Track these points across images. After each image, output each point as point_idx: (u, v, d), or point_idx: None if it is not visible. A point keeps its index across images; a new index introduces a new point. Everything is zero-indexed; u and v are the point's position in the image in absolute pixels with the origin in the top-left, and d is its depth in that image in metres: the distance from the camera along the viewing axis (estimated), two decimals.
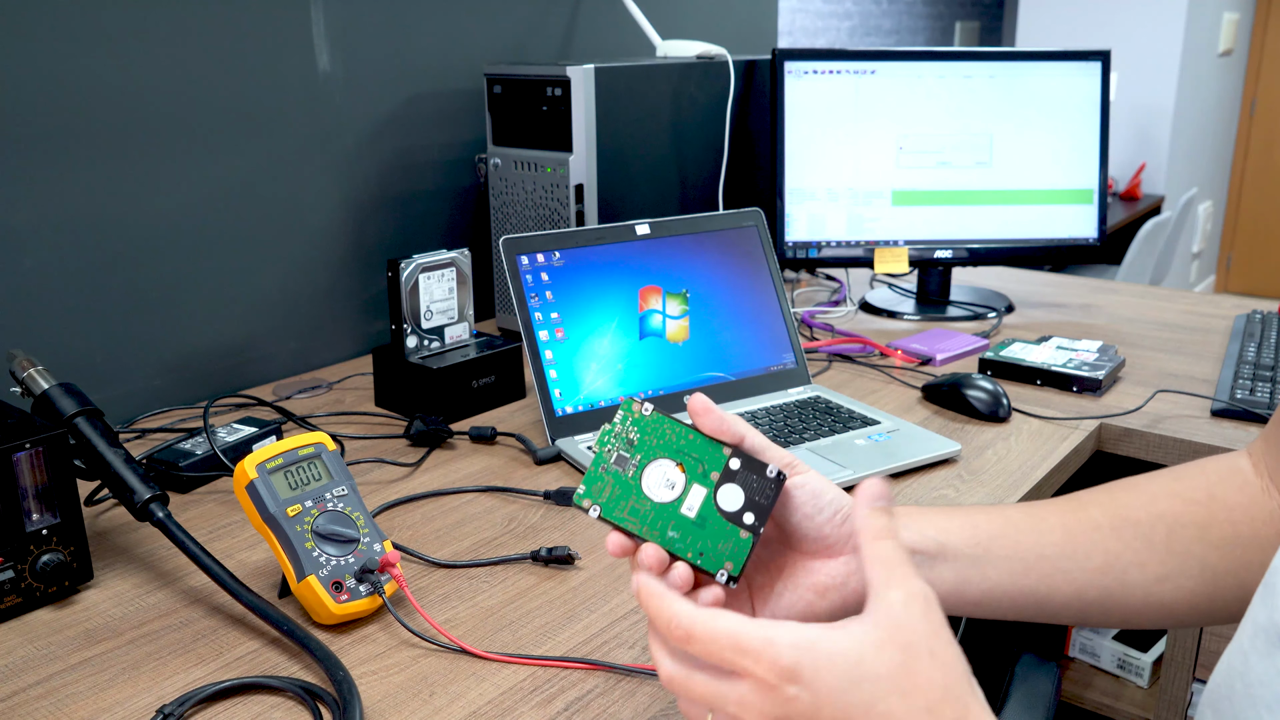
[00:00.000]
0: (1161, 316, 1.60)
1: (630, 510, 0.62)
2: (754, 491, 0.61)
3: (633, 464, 0.63)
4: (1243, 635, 0.56)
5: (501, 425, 1.17)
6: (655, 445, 0.63)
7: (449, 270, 1.20)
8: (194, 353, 1.26)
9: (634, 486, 0.63)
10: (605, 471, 0.63)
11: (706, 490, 0.62)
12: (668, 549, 0.61)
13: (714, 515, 0.61)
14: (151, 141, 1.18)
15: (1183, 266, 4.83)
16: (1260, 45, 5.25)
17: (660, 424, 0.63)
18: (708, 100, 1.56)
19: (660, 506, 0.62)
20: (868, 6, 3.82)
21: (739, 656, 0.48)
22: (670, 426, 0.63)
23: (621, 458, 0.63)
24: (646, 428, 0.63)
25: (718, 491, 0.62)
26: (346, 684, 0.69)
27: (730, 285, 1.20)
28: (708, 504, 0.62)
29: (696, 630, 0.50)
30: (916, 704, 0.47)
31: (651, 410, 0.64)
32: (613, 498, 0.62)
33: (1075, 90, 1.57)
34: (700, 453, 0.63)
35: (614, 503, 0.62)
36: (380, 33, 1.39)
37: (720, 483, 0.62)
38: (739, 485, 0.62)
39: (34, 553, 0.80)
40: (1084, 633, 1.49)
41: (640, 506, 0.62)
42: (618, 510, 0.62)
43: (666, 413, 0.64)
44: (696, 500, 0.62)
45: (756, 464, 0.62)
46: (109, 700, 0.71)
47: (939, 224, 1.57)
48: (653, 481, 0.62)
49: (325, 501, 0.80)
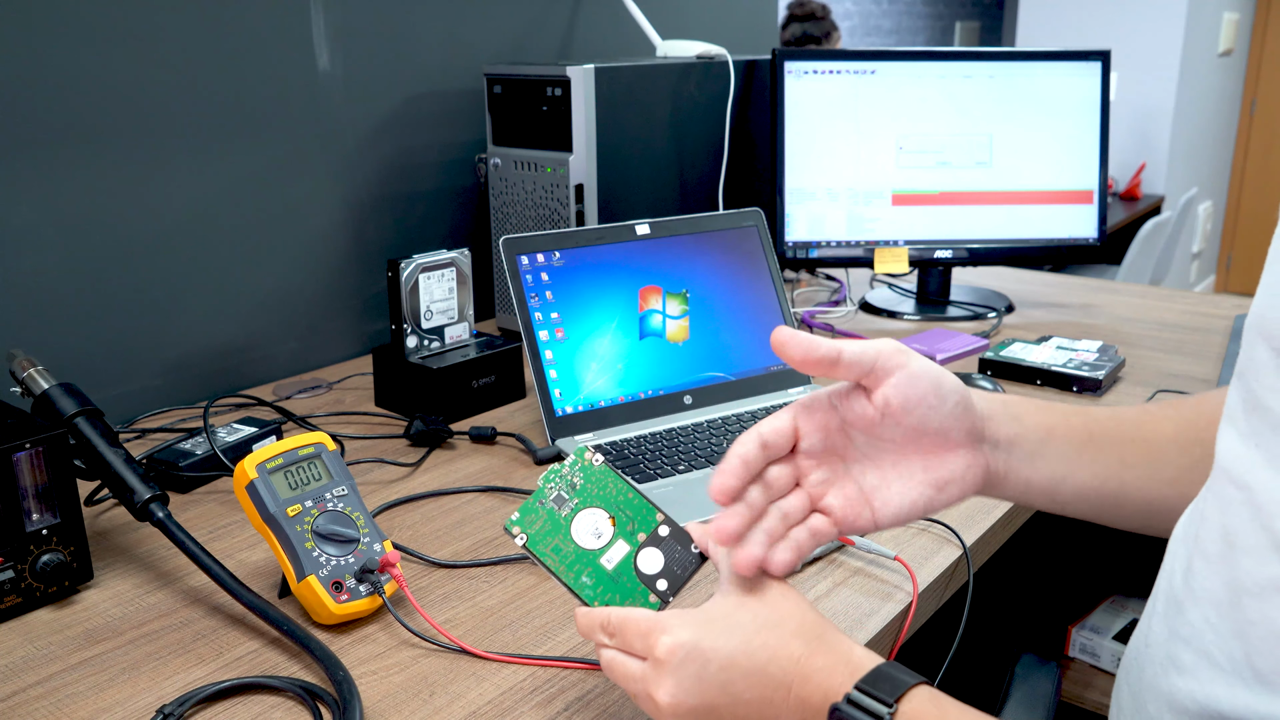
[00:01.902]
0: (1161, 316, 1.60)
1: (554, 548, 0.65)
2: (674, 561, 0.65)
3: (569, 505, 0.66)
4: (1155, 601, 0.59)
5: (501, 425, 1.17)
6: (595, 494, 0.67)
7: (449, 270, 1.20)
8: (194, 353, 1.26)
9: (564, 527, 0.66)
10: (542, 505, 0.66)
11: (630, 548, 0.65)
12: (577, 593, 0.64)
13: (630, 573, 0.65)
14: (151, 141, 1.18)
15: (1183, 266, 4.83)
16: (1260, 45, 5.25)
17: (605, 477, 0.67)
18: (708, 100, 1.56)
19: (582, 552, 0.65)
20: (868, 6, 3.82)
21: (641, 640, 0.58)
22: (614, 481, 0.67)
23: (561, 498, 0.67)
24: (592, 477, 0.67)
25: (640, 552, 0.65)
26: (346, 684, 0.69)
27: (730, 285, 1.20)
28: (627, 561, 0.65)
29: (613, 621, 0.60)
30: (784, 633, 0.57)
31: (601, 462, 0.67)
32: (541, 532, 0.66)
33: (1075, 90, 1.57)
34: (634, 512, 0.66)
35: (540, 537, 0.65)
36: (380, 33, 1.39)
37: (645, 544, 0.65)
38: (662, 551, 0.65)
39: (34, 553, 0.80)
40: (1084, 632, 1.49)
41: (563, 547, 0.65)
42: (541, 545, 0.65)
43: (614, 468, 0.67)
44: (618, 555, 0.65)
45: (684, 536, 0.65)
46: (109, 700, 0.71)
47: (939, 224, 1.57)
48: (582, 527, 0.66)
49: (325, 501, 0.80)
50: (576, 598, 0.64)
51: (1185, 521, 0.59)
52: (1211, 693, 0.51)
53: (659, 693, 0.57)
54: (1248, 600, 0.49)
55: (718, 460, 1.03)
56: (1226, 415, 0.55)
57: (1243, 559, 0.50)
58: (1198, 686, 0.52)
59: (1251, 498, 0.50)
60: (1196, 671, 0.52)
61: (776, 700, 0.56)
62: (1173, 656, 0.55)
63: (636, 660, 0.59)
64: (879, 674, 0.55)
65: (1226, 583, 0.51)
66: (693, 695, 0.56)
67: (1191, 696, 0.52)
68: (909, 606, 0.82)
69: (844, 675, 0.55)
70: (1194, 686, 0.52)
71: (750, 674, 0.56)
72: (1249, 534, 0.50)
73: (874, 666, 0.55)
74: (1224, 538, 0.52)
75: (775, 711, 0.56)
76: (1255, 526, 0.50)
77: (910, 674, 0.55)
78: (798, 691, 0.55)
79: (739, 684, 0.56)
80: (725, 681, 0.56)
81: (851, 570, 0.87)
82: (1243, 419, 0.52)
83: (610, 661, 0.61)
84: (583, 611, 0.63)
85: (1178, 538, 0.59)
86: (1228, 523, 0.52)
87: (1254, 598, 0.49)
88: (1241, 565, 0.50)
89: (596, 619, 0.61)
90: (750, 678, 0.56)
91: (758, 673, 0.56)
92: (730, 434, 1.08)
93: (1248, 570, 0.50)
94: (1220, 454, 0.54)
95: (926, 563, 0.88)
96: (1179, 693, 0.53)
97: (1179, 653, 0.54)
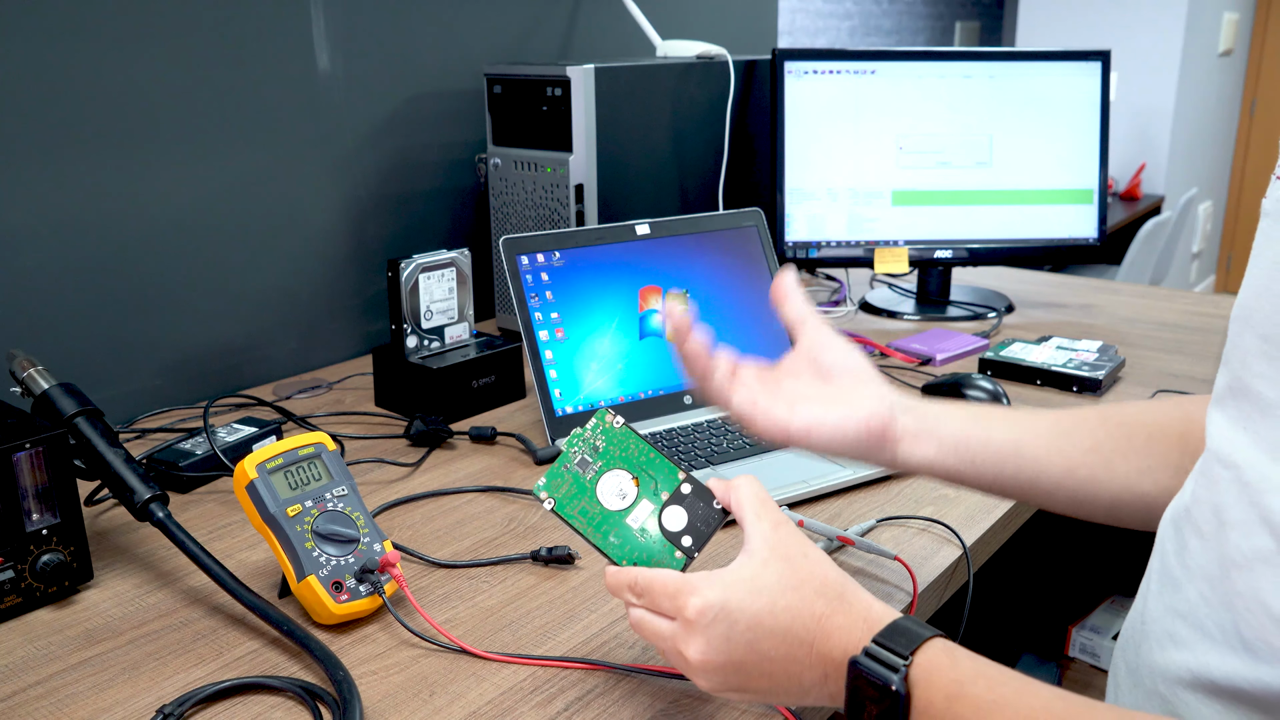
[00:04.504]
0: (1161, 316, 1.60)
1: (581, 510, 0.67)
2: (698, 518, 0.66)
3: (593, 469, 0.68)
4: (1150, 580, 0.62)
5: (501, 425, 1.17)
6: (617, 456, 0.68)
7: (449, 270, 1.20)
8: (194, 353, 1.26)
9: (589, 490, 0.68)
10: (567, 470, 0.68)
11: (655, 507, 0.67)
12: (605, 553, 0.66)
13: (655, 531, 0.66)
14: (151, 141, 1.18)
15: (1183, 266, 4.83)
16: (1260, 45, 5.25)
17: (627, 438, 0.69)
18: (708, 100, 1.56)
19: (608, 513, 0.67)
20: (868, 6, 3.82)
21: (669, 600, 0.61)
22: (635, 442, 0.68)
23: (585, 461, 0.68)
24: (613, 438, 0.69)
25: (664, 510, 0.67)
26: (346, 684, 0.69)
27: (730, 285, 1.20)
28: (652, 520, 0.67)
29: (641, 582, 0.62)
30: (806, 593, 0.59)
31: (622, 423, 0.69)
32: (567, 496, 0.67)
33: (1075, 90, 1.57)
34: (657, 471, 0.68)
35: (568, 500, 0.67)
36: (380, 33, 1.39)
37: (669, 503, 0.67)
38: (685, 509, 0.67)
39: (34, 553, 0.80)
40: (1084, 632, 1.49)
41: (590, 509, 0.67)
42: (569, 508, 0.67)
43: (635, 429, 0.69)
44: (643, 514, 0.67)
45: (706, 493, 0.67)
46: (109, 700, 0.71)
47: (939, 224, 1.57)
48: (607, 489, 0.68)
49: (325, 501, 0.80)
50: (605, 556, 0.66)
51: (1176, 503, 0.62)
52: (1205, 662, 0.54)
53: (689, 650, 0.60)
54: (1235, 573, 0.52)
55: (718, 460, 1.04)
56: (1215, 400, 0.58)
57: (1231, 533, 0.53)
58: (1192, 658, 0.55)
59: (1239, 476, 0.53)
60: (1192, 644, 0.55)
61: (800, 656, 0.58)
62: (1170, 631, 0.57)
63: (665, 620, 0.61)
64: (895, 628, 0.57)
65: (1218, 558, 0.54)
66: (721, 653, 0.59)
67: (1186, 667, 0.55)
68: (909, 606, 0.82)
69: (862, 631, 0.57)
70: (1188, 658, 0.55)
71: (775, 633, 0.58)
72: (1237, 510, 0.53)
73: (890, 621, 0.58)
74: (1215, 515, 0.55)
75: (799, 668, 0.58)
76: (1243, 503, 0.53)
77: (925, 627, 0.57)
78: (820, 648, 0.58)
79: (765, 642, 0.58)
80: (752, 640, 0.59)
81: (851, 570, 0.87)
82: (1231, 403, 0.55)
83: (640, 620, 0.63)
84: (611, 570, 0.65)
85: (1168, 519, 0.62)
86: (1218, 500, 0.55)
87: (1240, 570, 0.52)
88: (1230, 540, 0.53)
89: (624, 579, 0.64)
90: (775, 636, 0.58)
91: (782, 631, 0.58)
92: (730, 434, 1.08)
93: (1235, 544, 0.53)
94: (1210, 436, 0.57)
95: (926, 563, 0.88)
96: (1175, 665, 0.56)
97: (1176, 628, 0.57)
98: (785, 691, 0.60)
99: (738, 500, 0.64)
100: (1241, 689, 0.51)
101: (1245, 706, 0.52)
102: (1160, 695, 0.57)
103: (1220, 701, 0.53)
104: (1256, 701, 0.51)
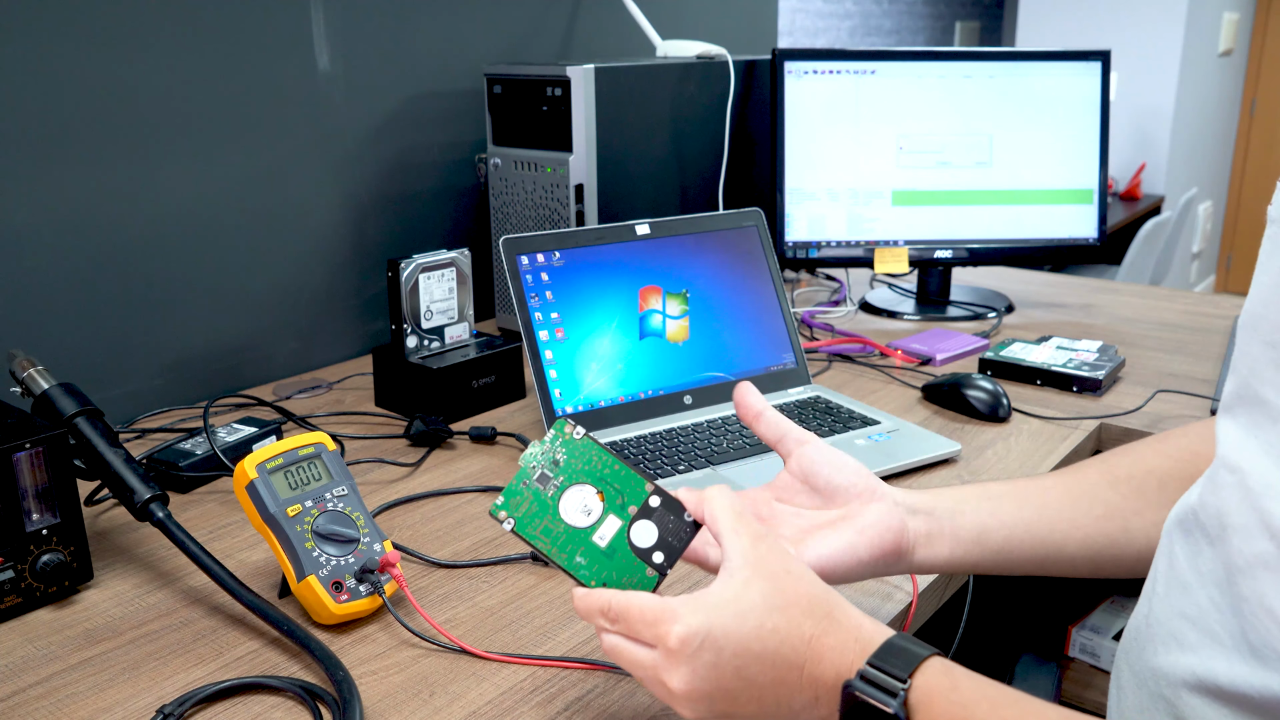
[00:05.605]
0: (1161, 316, 1.60)
1: (543, 530, 0.63)
2: (668, 532, 0.62)
3: (554, 484, 0.64)
4: (1154, 583, 0.62)
5: (501, 425, 1.17)
6: (579, 470, 0.64)
7: (449, 270, 1.20)
8: (194, 353, 1.26)
9: (551, 507, 0.63)
10: (526, 487, 0.64)
11: (622, 523, 0.63)
12: (572, 574, 0.62)
13: (624, 548, 0.62)
14: (151, 141, 1.18)
15: (1183, 266, 4.83)
16: (1260, 45, 5.25)
17: (588, 449, 0.64)
18: (708, 100, 1.56)
19: (573, 531, 0.63)
20: (868, 6, 3.82)
21: (648, 629, 0.57)
22: (597, 454, 0.64)
23: (545, 476, 0.64)
24: (574, 451, 0.64)
25: (632, 526, 0.62)
26: (346, 684, 0.69)
27: (730, 285, 1.20)
28: (620, 536, 0.62)
29: (615, 607, 0.59)
30: (794, 614, 0.57)
31: (583, 434, 0.64)
32: (528, 514, 0.63)
33: (1075, 90, 1.57)
34: (622, 485, 0.63)
35: (529, 519, 0.63)
36: (380, 33, 1.39)
37: (637, 518, 0.63)
38: (655, 523, 0.62)
39: (34, 553, 0.80)
40: (1084, 632, 1.49)
41: (553, 528, 0.63)
42: (530, 527, 0.63)
43: (596, 439, 0.64)
44: (610, 531, 0.62)
45: (676, 505, 0.63)
46: (109, 700, 0.71)
47: (939, 224, 1.57)
48: (570, 505, 0.63)
49: (325, 501, 0.80)
50: (572, 578, 0.62)
51: (1181, 505, 0.61)
52: (1212, 667, 0.53)
53: (673, 680, 0.57)
54: (1239, 578, 0.52)
55: (718, 460, 1.03)
56: (1224, 407, 0.58)
57: (1234, 538, 0.53)
58: (1198, 662, 0.54)
59: (1243, 480, 0.53)
60: (1199, 649, 0.55)
61: (790, 680, 0.56)
62: (1177, 635, 0.57)
63: (645, 648, 0.58)
64: (890, 648, 0.55)
65: (1224, 563, 0.54)
66: (708, 682, 0.57)
67: (1192, 672, 0.55)
68: (909, 606, 0.82)
69: (855, 651, 0.55)
70: (1194, 662, 0.55)
71: (763, 657, 0.56)
72: (1239, 514, 0.53)
73: (884, 641, 0.56)
74: (1219, 519, 0.55)
75: (789, 691, 0.57)
76: (1245, 507, 0.53)
77: (921, 645, 0.55)
78: (810, 670, 0.56)
79: (752, 667, 0.56)
80: (739, 666, 0.56)
81: None
82: (1241, 411, 0.56)
83: (615, 648, 0.59)
84: (580, 593, 0.61)
85: (1172, 521, 0.62)
86: (1221, 505, 0.55)
87: (1244, 574, 0.52)
88: (1233, 544, 0.53)
89: (595, 603, 0.60)
90: (764, 660, 0.56)
91: (771, 655, 0.56)
92: (730, 434, 1.08)
93: (1238, 548, 0.53)
94: (1220, 442, 0.57)
95: None
96: (1180, 668, 0.56)
97: (1184, 632, 0.56)
98: (774, 717, 0.58)
99: (711, 513, 0.61)
100: (1247, 694, 0.51)
101: (1250, 712, 0.52)
102: (1164, 698, 0.57)
103: (1225, 706, 0.53)
104: (1262, 707, 0.51)
